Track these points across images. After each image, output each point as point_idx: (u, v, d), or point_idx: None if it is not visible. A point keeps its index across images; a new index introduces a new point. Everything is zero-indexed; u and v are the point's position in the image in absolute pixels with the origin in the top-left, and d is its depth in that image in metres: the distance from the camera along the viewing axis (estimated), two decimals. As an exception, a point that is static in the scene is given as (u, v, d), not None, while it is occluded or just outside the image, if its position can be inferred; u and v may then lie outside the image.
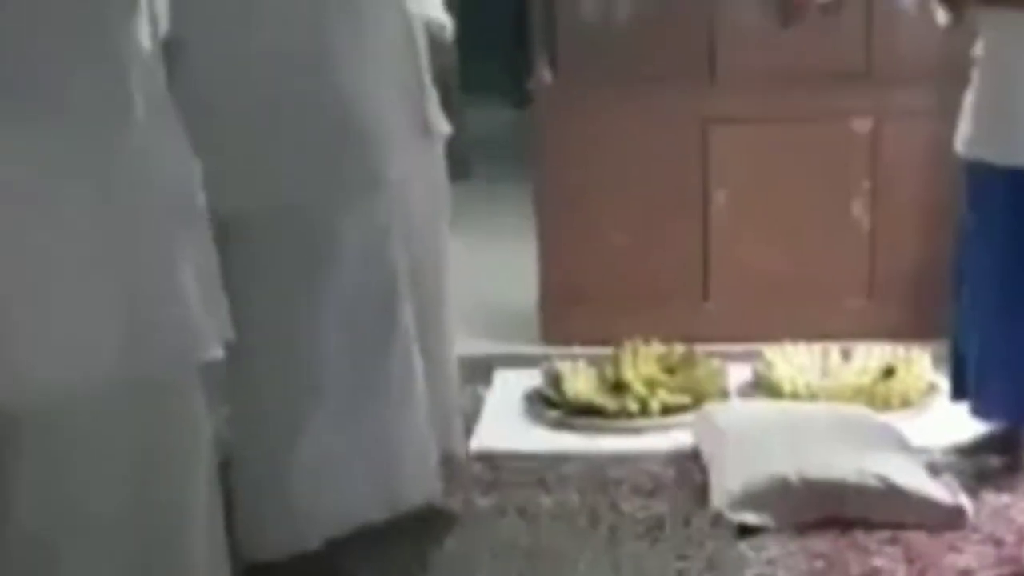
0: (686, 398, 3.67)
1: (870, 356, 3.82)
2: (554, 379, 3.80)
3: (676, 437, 3.49)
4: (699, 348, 3.92)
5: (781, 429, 3.30)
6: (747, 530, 2.97)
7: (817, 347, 3.89)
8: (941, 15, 3.26)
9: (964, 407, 3.32)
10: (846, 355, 3.86)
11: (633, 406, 3.64)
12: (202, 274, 1.92)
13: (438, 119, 3.23)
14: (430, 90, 3.19)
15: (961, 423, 3.35)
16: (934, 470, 3.14)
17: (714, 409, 3.55)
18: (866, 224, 4.20)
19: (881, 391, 3.66)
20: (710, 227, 4.27)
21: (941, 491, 3.02)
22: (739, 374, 3.86)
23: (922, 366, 3.77)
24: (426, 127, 3.18)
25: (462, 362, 3.51)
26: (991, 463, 3.27)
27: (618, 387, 3.72)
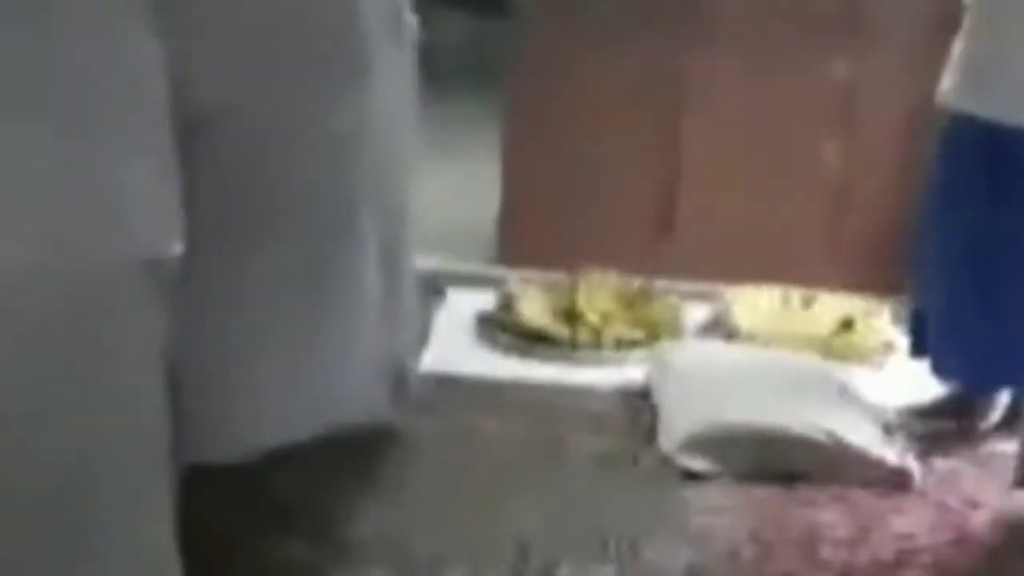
0: (640, 333, 3.62)
1: (830, 306, 3.78)
2: (507, 303, 3.74)
3: (628, 373, 3.44)
4: (658, 284, 3.86)
5: (735, 375, 3.25)
6: (692, 474, 2.93)
7: (777, 292, 3.84)
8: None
9: (922, 366, 3.27)
10: (807, 303, 3.82)
11: (586, 337, 3.59)
12: (155, 171, 1.85)
13: (411, 22, 3.14)
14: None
15: (917, 383, 3.31)
16: (887, 429, 3.10)
17: (668, 348, 3.50)
18: (836, 173, 4.15)
19: (839, 343, 3.63)
20: (679, 161, 4.21)
21: (889, 452, 2.98)
22: (697, 314, 3.81)
23: (881, 321, 3.73)
24: (399, 31, 3.09)
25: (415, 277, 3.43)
26: (945, 427, 3.22)
27: (572, 316, 3.66)
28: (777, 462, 2.97)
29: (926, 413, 3.28)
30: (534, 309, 3.70)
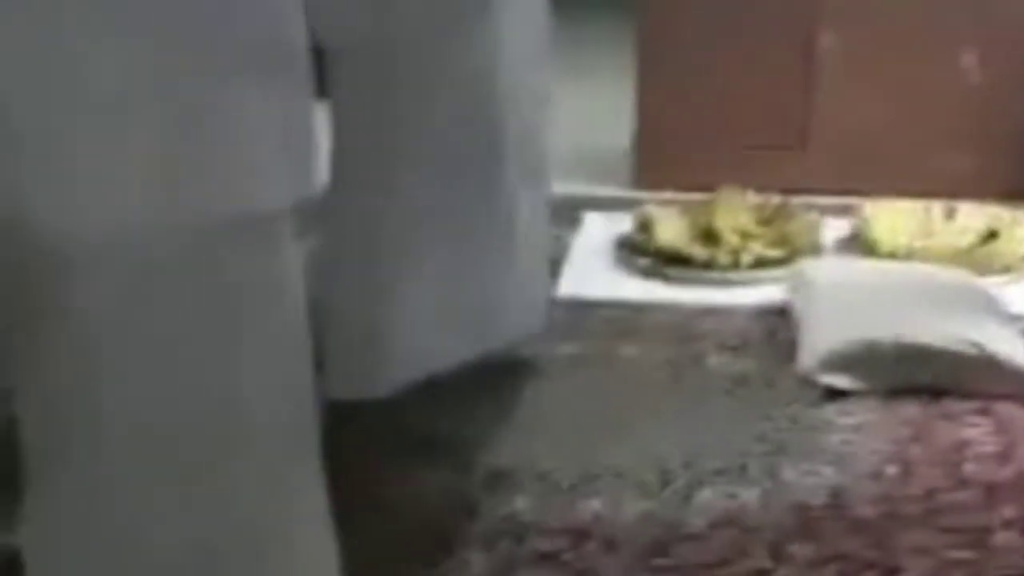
0: (779, 251, 3.59)
1: (973, 217, 3.71)
2: (644, 225, 3.72)
3: (767, 291, 3.41)
4: (795, 200, 3.82)
5: (876, 290, 3.21)
6: (834, 393, 2.90)
7: (919, 205, 3.77)
8: None
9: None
10: (949, 214, 3.74)
11: (724, 257, 3.56)
12: (284, 118, 1.78)
13: None
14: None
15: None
16: (1032, 341, 3.04)
17: (808, 265, 3.46)
18: (976, 78, 4.06)
19: (982, 254, 3.55)
20: (813, 73, 4.15)
21: (1038, 363, 2.93)
22: (836, 229, 3.76)
23: (1026, 231, 3.66)
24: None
25: (551, 203, 3.43)
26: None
27: (709, 237, 3.64)
28: (921, 376, 2.92)
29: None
30: (671, 231, 3.68)
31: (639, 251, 3.66)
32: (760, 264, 3.56)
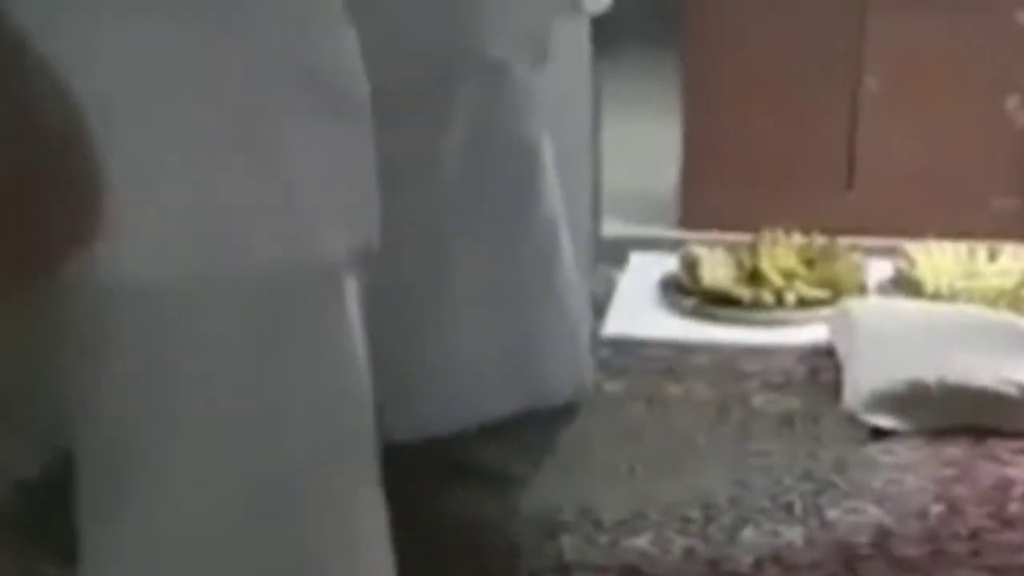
0: (824, 292, 3.60)
1: (1016, 258, 3.71)
2: (690, 265, 3.74)
3: (811, 332, 3.44)
4: (840, 240, 3.83)
5: (920, 330, 3.23)
6: (878, 432, 2.92)
7: (962, 246, 3.79)
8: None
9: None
10: (992, 256, 3.75)
11: (768, 298, 3.58)
12: (337, 163, 1.78)
13: None
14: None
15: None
16: (1077, 382, 3.05)
17: (852, 305, 3.47)
18: (1021, 121, 4.07)
19: (1026, 295, 3.56)
20: (859, 114, 4.17)
21: (1082, 404, 2.93)
22: (879, 270, 3.77)
23: (1071, 271, 3.66)
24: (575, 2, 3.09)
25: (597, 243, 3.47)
26: None
27: (754, 277, 3.66)
28: (965, 417, 2.94)
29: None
30: (716, 271, 3.70)
31: (684, 291, 3.68)
32: (804, 304, 3.57)
